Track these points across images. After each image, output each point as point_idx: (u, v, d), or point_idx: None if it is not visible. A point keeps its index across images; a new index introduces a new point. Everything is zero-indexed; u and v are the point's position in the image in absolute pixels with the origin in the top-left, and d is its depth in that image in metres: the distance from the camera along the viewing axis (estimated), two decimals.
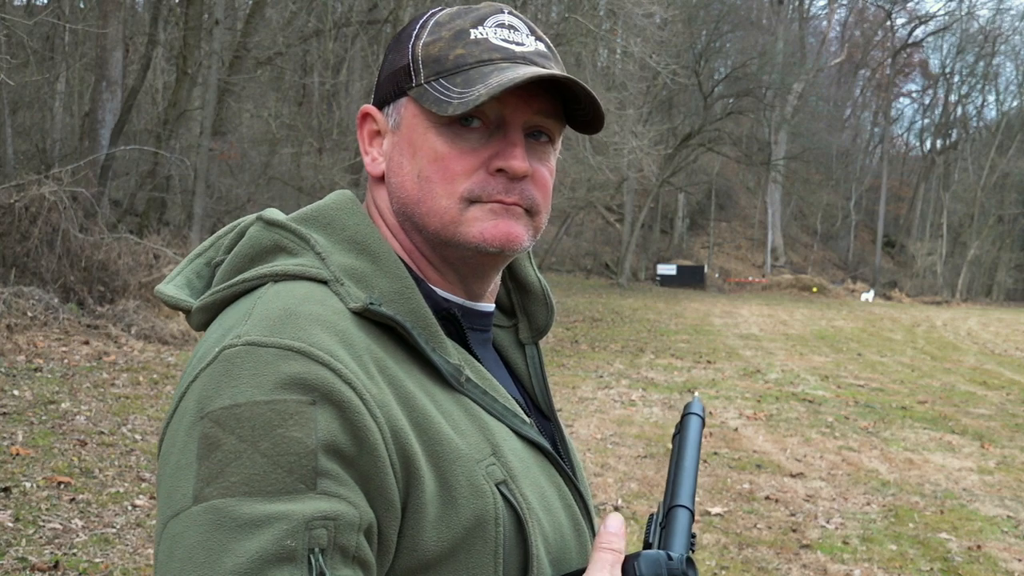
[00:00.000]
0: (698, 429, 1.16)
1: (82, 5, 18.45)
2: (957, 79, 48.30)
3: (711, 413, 9.57)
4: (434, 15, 1.07)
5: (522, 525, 0.97)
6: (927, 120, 51.63)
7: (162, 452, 0.92)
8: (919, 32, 50.49)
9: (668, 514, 1.03)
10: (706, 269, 38.22)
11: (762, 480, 7.07)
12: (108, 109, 14.28)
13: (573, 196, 24.35)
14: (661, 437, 8.18)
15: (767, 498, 6.57)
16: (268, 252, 1.02)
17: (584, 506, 1.11)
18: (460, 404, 1.00)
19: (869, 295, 37.11)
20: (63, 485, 5.25)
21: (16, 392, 7.24)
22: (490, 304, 1.14)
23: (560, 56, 1.10)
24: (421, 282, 1.07)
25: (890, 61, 50.03)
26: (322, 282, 0.98)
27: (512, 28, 1.06)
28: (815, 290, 36.81)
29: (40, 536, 4.52)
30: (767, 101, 35.74)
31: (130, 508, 5.05)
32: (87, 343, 9.35)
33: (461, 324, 1.07)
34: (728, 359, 14.71)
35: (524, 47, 1.05)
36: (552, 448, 1.10)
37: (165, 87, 19.08)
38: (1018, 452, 8.75)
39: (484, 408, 1.02)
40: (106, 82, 14.37)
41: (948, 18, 49.24)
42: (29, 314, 9.58)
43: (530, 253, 1.21)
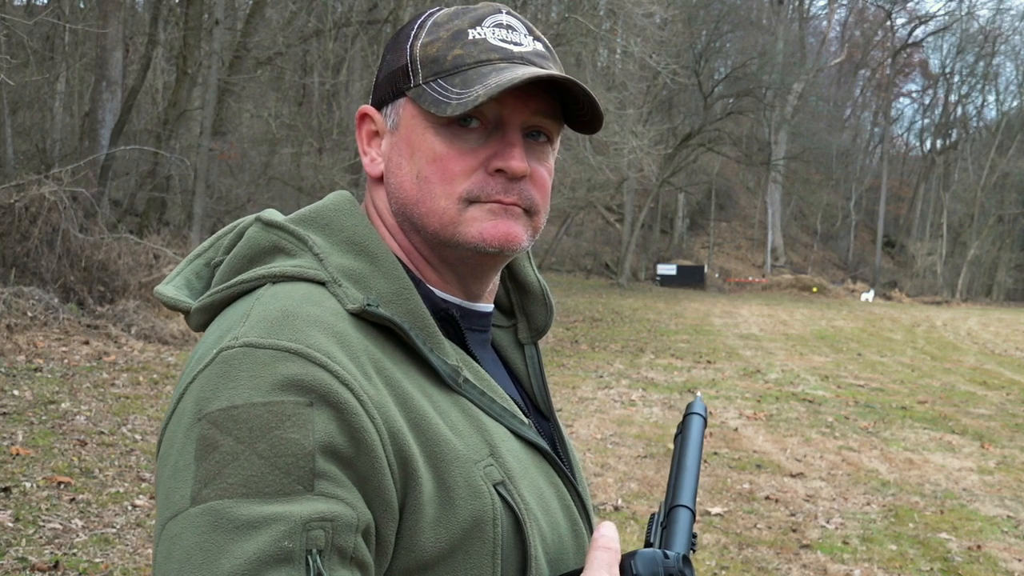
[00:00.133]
0: (700, 429, 1.16)
1: (82, 5, 18.45)
2: (957, 79, 48.34)
3: (711, 413, 9.57)
4: (432, 15, 1.07)
5: (520, 526, 0.97)
6: (927, 120, 51.70)
7: (160, 453, 0.92)
8: (919, 32, 50.57)
9: (669, 514, 1.03)
10: (706, 269, 38.22)
11: (762, 480, 7.07)
12: (108, 109, 14.29)
13: (573, 196, 24.35)
14: (661, 437, 8.18)
15: (767, 498, 6.57)
16: (266, 253, 1.02)
17: (582, 506, 1.11)
18: (458, 405, 1.00)
19: (869, 295, 37.10)
20: (63, 485, 5.25)
21: (16, 392, 7.24)
22: (489, 304, 1.14)
23: (560, 56, 1.11)
24: (419, 283, 1.07)
25: (890, 61, 50.04)
26: (320, 283, 0.98)
27: (510, 28, 1.06)
28: (815, 290, 36.81)
29: (40, 536, 4.52)
30: (767, 101, 35.76)
31: (130, 508, 5.05)
32: (87, 343, 9.35)
33: (459, 325, 1.07)
34: (728, 359, 14.71)
35: (522, 47, 1.05)
36: (551, 448, 1.10)
37: (165, 87, 19.09)
38: (1018, 452, 8.75)
39: (482, 409, 1.02)
40: (106, 82, 14.37)
41: (948, 18, 49.28)
42: (29, 314, 9.58)
43: (529, 253, 1.21)
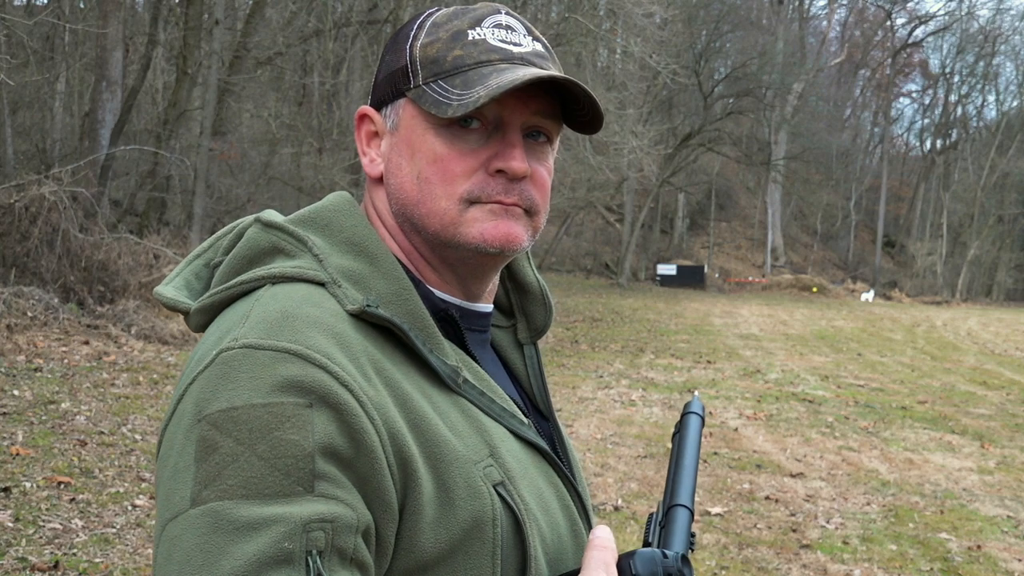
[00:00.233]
0: (698, 428, 1.16)
1: (82, 5, 18.45)
2: (957, 79, 48.33)
3: (711, 413, 9.56)
4: (431, 16, 1.07)
5: (520, 526, 0.97)
6: (927, 120, 51.68)
7: (160, 454, 0.92)
8: (919, 32, 50.55)
9: (668, 513, 1.03)
10: (706, 269, 38.21)
11: (762, 480, 7.07)
12: (108, 109, 14.29)
13: (573, 196, 24.35)
14: (661, 437, 8.18)
15: (767, 498, 6.57)
16: (266, 254, 1.02)
17: (582, 507, 1.11)
18: (457, 405, 1.00)
19: (869, 295, 37.09)
20: (63, 485, 5.25)
21: (16, 392, 7.24)
22: (488, 305, 1.14)
23: (560, 56, 1.11)
24: (419, 283, 1.07)
25: (890, 61, 50.03)
26: (319, 284, 0.98)
27: (509, 28, 1.06)
28: (815, 290, 36.80)
29: (40, 536, 4.52)
30: (767, 101, 35.75)
31: (130, 508, 5.05)
32: (87, 343, 9.35)
33: (459, 325, 1.07)
34: (728, 359, 14.71)
35: (522, 48, 1.05)
36: (550, 448, 1.10)
37: (165, 87, 19.09)
38: (1018, 452, 8.75)
39: (481, 409, 1.02)
40: (106, 82, 14.37)
41: (948, 18, 49.26)
42: (29, 314, 9.57)
43: (529, 253, 1.21)
